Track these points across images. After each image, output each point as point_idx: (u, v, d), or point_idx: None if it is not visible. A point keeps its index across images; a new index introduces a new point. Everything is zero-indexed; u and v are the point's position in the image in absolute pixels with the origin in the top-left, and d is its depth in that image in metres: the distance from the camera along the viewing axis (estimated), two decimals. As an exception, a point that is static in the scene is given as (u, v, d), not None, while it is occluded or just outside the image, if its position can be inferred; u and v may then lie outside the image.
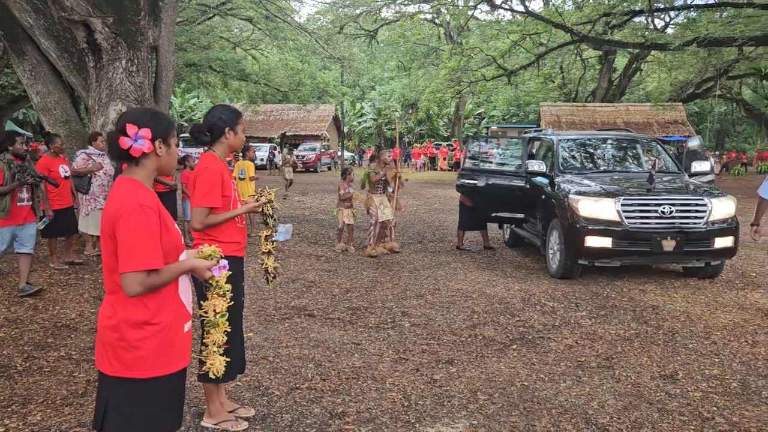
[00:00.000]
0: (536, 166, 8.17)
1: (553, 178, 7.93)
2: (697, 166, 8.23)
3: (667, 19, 35.35)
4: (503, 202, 8.91)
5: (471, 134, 30.91)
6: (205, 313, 2.60)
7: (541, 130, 10.12)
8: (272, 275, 3.72)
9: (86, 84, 8.40)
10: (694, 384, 4.19)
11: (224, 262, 2.42)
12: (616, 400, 3.91)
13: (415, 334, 5.30)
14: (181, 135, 35.44)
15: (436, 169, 36.57)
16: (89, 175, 7.60)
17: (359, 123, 55.84)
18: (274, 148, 36.01)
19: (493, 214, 9.11)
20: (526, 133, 10.43)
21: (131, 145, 2.20)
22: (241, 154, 10.77)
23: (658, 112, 33.33)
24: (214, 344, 2.66)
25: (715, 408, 3.80)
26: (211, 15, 28.27)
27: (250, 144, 13.61)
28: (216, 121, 3.45)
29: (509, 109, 49.96)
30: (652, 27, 34.66)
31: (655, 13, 30.15)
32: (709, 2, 23.89)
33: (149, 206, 2.15)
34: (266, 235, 3.70)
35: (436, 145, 42.01)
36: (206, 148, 3.52)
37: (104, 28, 7.58)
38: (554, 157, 8.23)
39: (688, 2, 24.67)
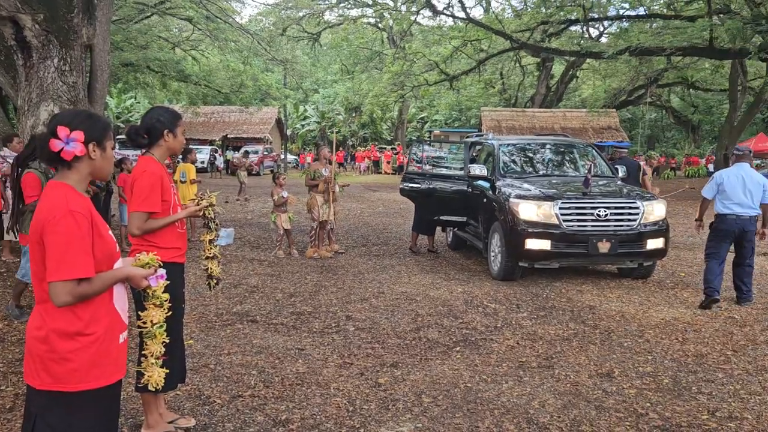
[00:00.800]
0: (478, 170, 8.31)
1: (494, 181, 8.08)
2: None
3: (601, 29, 36.62)
4: (446, 205, 9.03)
5: (414, 138, 31.16)
6: (143, 323, 2.51)
7: (482, 135, 10.29)
8: (215, 280, 3.64)
9: (15, 83, 8.01)
10: (629, 381, 4.34)
11: (162, 271, 2.34)
12: (556, 399, 4.00)
13: (360, 338, 5.29)
14: (118, 137, 34.35)
15: (380, 173, 36.71)
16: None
17: (302, 126, 55.47)
18: (215, 151, 35.31)
19: (436, 218, 9.21)
20: (467, 137, 10.60)
21: (62, 148, 2.11)
22: (181, 157, 10.52)
23: (593, 118, 34.49)
24: (153, 355, 2.58)
25: (648, 404, 3.94)
26: (149, 14, 27.50)
27: (191, 146, 13.30)
28: (154, 123, 3.35)
29: (451, 114, 50.68)
30: (587, 36, 35.83)
31: (590, 23, 31.18)
32: (640, 14, 24.87)
33: (80, 212, 2.06)
34: (209, 239, 3.62)
35: (379, 148, 42.16)
36: (144, 151, 3.41)
37: (34, 26, 7.25)
38: (495, 161, 8.39)
39: (621, 13, 25.61)
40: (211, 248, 3.55)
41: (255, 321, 5.79)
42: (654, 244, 7.24)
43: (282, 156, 39.32)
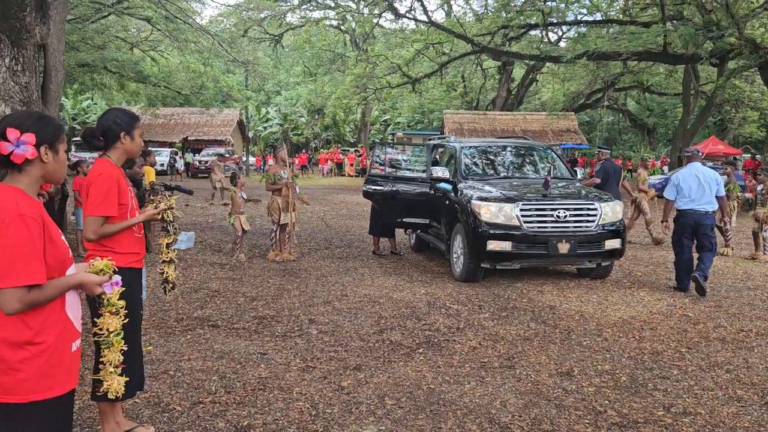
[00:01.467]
0: (440, 172, 8.36)
1: (456, 184, 8.14)
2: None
3: (560, 34, 37.32)
4: (409, 207, 9.05)
5: (377, 140, 31.27)
6: (100, 330, 2.44)
7: (444, 138, 10.37)
8: (171, 285, 3.57)
9: (-37, 83, 7.74)
10: (588, 379, 4.42)
11: (117, 277, 2.28)
12: (517, 399, 4.05)
13: (323, 342, 5.27)
14: (74, 139, 33.48)
15: (343, 175, 36.64)
16: None
17: (265, 128, 55.01)
18: (176, 153, 34.73)
19: (399, 220, 9.23)
20: (430, 139, 10.66)
21: (12, 151, 2.04)
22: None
23: (552, 120, 35.08)
24: (111, 364, 2.51)
25: (607, 401, 4.02)
26: (105, 13, 26.88)
27: (150, 149, 13.04)
28: (110, 125, 3.27)
29: (414, 116, 50.93)
30: (546, 40, 36.43)
31: (549, 27, 31.74)
32: (597, 19, 25.43)
33: (31, 217, 2.00)
34: (167, 243, 3.55)
35: (342, 151, 42.09)
36: (101, 154, 3.33)
37: (-16, 24, 7.02)
38: (457, 163, 8.46)
39: (579, 18, 26.14)
40: (168, 252, 3.49)
41: (216, 326, 5.71)
42: (612, 244, 7.40)
43: (244, 158, 38.89)
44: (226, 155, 36.10)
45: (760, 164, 16.91)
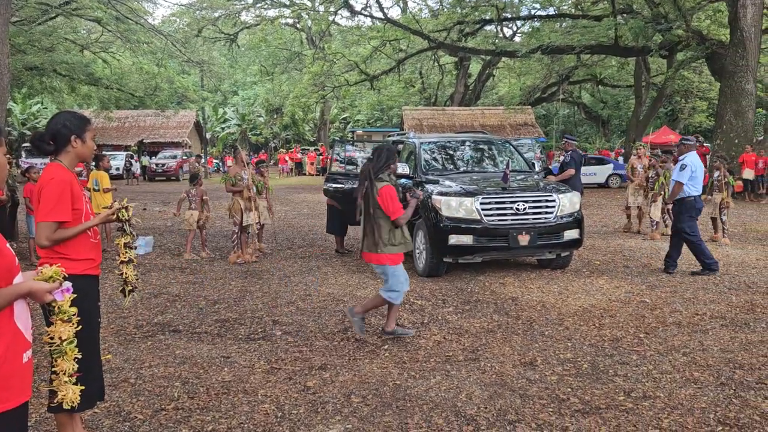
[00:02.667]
0: (400, 168, 8.36)
1: (416, 179, 8.17)
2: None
3: (515, 29, 37.79)
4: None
5: (337, 138, 31.02)
6: (51, 339, 2.37)
7: (404, 134, 10.39)
8: (130, 287, 3.47)
9: None
10: (551, 368, 4.49)
11: (68, 284, 2.21)
12: (482, 391, 4.09)
13: (287, 342, 5.22)
14: (24, 145, 32.42)
15: (303, 174, 36.42)
16: None
17: (223, 129, 54.27)
18: (131, 157, 33.96)
19: (359, 217, 9.19)
20: (389, 136, 10.67)
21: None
22: (93, 164, 10.03)
23: (510, 115, 35.51)
24: (65, 373, 2.44)
25: (569, 389, 4.10)
26: (53, 15, 26.07)
27: (104, 152, 12.71)
28: (60, 129, 3.17)
29: (373, 114, 50.94)
30: (502, 35, 36.83)
31: (504, 23, 32.10)
32: (550, 13, 25.84)
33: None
34: (124, 243, 3.43)
35: (303, 149, 41.82)
36: (52, 158, 3.22)
37: None
38: (417, 159, 8.49)
39: (532, 13, 26.52)
40: (126, 252, 3.39)
41: (177, 331, 5.61)
42: (570, 234, 7.54)
43: (202, 160, 38.30)
44: (185, 157, 35.52)
45: (707, 151, 17.43)
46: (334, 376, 4.41)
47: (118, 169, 32.97)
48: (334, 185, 9.35)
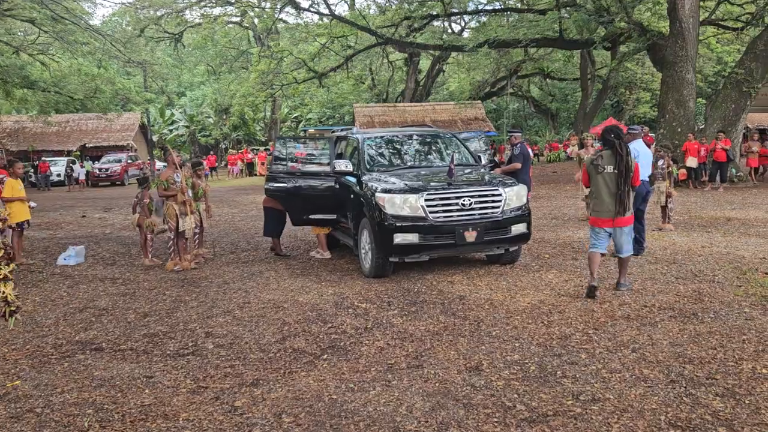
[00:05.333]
0: (343, 165, 8.07)
1: (360, 176, 7.87)
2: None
3: (463, 24, 37.89)
4: (315, 203, 8.69)
5: (278, 136, 29.78)
6: None
7: (349, 129, 10.05)
8: (12, 307, 3.05)
9: None
10: (497, 372, 4.25)
11: None
12: (424, 402, 3.81)
13: (219, 357, 4.85)
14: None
15: (255, 175, 35.65)
16: None
17: (171, 131, 52.80)
18: (73, 162, 32.58)
19: (305, 217, 8.84)
20: (333, 132, 10.33)
21: None
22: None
23: (460, 109, 35.58)
24: None
25: (516, 395, 3.86)
26: (-19, 15, 24.77)
27: (16, 159, 11.89)
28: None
29: (325, 112, 50.41)
30: (450, 31, 36.85)
31: (452, 18, 32.08)
32: (497, 8, 25.90)
33: None
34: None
35: (254, 150, 40.97)
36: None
37: None
38: (360, 155, 8.18)
39: (479, 8, 26.55)
40: (2, 268, 2.97)
41: (100, 349, 5.18)
42: (518, 229, 7.35)
43: (150, 164, 37.11)
44: (131, 161, 34.33)
45: (652, 140, 17.67)
46: (266, 393, 4.07)
47: (59, 175, 31.66)
48: (276, 185, 8.95)
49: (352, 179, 8.06)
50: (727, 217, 11.25)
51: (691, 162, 16.53)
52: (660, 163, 9.96)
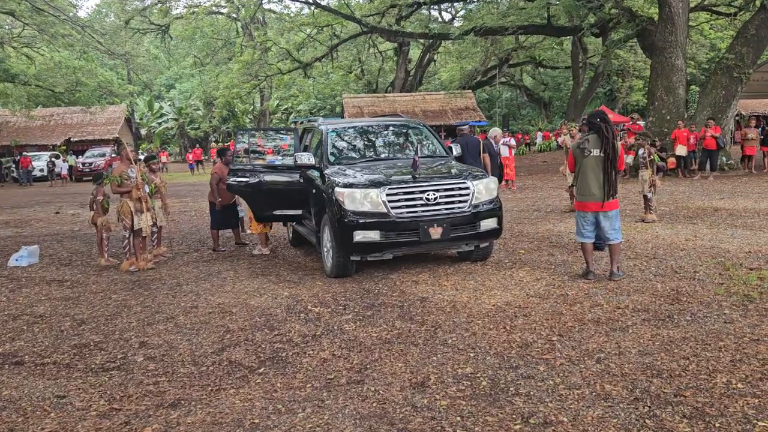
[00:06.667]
0: (305, 158, 7.59)
1: (322, 170, 7.40)
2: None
3: (454, 13, 37.29)
4: (279, 199, 8.21)
5: (240, 128, 28.43)
6: None
7: (315, 120, 9.56)
8: None
9: None
10: (444, 389, 3.80)
11: None
12: (354, 427, 3.37)
13: (145, 371, 4.41)
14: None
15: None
16: None
17: (159, 124, 52.19)
18: (56, 157, 31.99)
19: (268, 213, 8.35)
20: (300, 123, 9.85)
21: None
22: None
23: (451, 99, 35.05)
24: None
25: (459, 418, 3.41)
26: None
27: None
28: None
29: (315, 103, 49.81)
30: (440, 20, 36.25)
31: (441, 5, 31.51)
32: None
33: None
34: None
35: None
36: None
37: None
38: (323, 147, 7.71)
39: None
40: None
41: (21, 363, 4.73)
42: (488, 224, 6.89)
43: (139, 157, 36.53)
44: (115, 155, 33.77)
45: (641, 129, 17.21)
46: (182, 417, 3.63)
47: (42, 170, 31.11)
48: (238, 179, 8.46)
49: (316, 173, 7.60)
50: (715, 207, 10.81)
51: (681, 150, 16.07)
52: (641, 152, 9.53)
